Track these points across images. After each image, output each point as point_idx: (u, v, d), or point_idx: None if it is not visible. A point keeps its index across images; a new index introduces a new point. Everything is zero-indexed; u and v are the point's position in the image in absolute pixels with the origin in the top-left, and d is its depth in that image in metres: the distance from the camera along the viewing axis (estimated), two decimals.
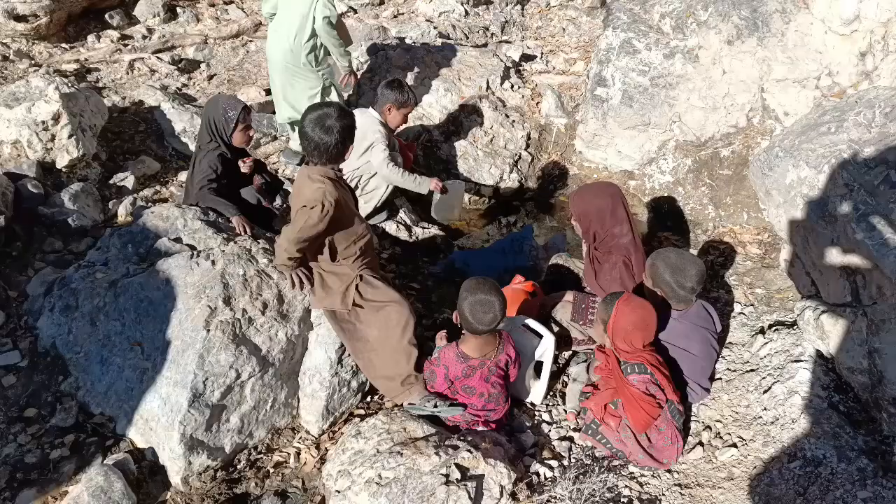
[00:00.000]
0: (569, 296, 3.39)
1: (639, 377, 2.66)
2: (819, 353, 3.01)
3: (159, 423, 2.63)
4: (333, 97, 4.63)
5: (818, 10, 3.88)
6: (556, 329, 3.26)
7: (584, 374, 3.17)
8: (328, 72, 4.57)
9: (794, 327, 3.20)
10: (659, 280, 2.97)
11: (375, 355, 2.92)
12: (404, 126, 4.44)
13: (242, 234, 3.22)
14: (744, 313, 3.49)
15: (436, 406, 2.84)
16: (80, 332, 2.92)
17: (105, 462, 2.56)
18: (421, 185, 4.14)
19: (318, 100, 4.46)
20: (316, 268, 2.94)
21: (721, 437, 2.89)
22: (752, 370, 3.12)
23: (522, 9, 6.97)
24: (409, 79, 5.27)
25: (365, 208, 4.08)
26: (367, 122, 3.93)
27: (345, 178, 3.98)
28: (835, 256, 2.97)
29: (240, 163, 3.63)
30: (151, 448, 2.68)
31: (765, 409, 2.89)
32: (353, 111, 4.04)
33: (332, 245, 2.86)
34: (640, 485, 2.74)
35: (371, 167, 4.04)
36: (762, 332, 3.29)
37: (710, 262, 3.97)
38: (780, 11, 4.07)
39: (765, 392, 2.95)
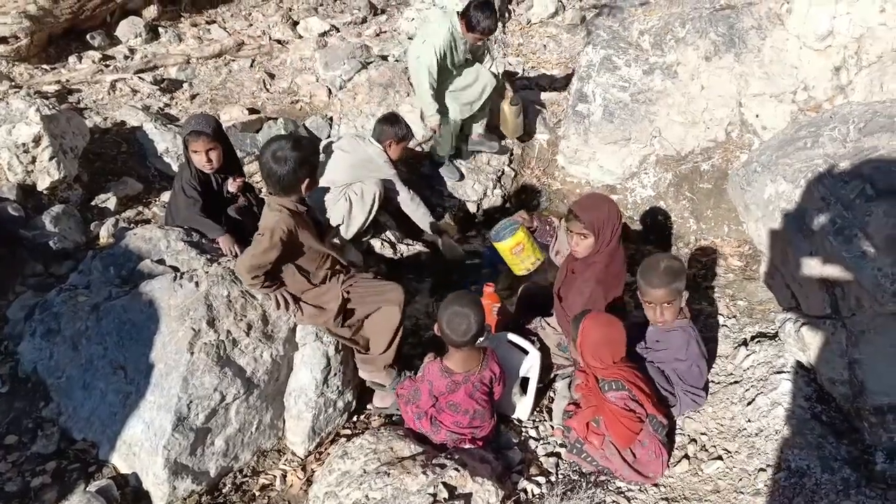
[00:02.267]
0: (545, 327, 3.41)
1: (616, 394, 2.68)
2: (801, 365, 3.04)
3: (143, 448, 2.60)
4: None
5: (793, 26, 3.96)
6: (538, 345, 3.27)
7: (566, 390, 3.17)
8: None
9: (777, 339, 3.23)
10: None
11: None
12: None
13: (229, 255, 3.20)
14: (726, 325, 3.52)
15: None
16: (62, 356, 2.89)
17: (88, 489, 2.53)
18: (431, 231, 4.42)
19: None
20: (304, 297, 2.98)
21: (706, 450, 2.90)
22: (735, 382, 3.14)
23: (504, 26, 7.05)
24: (391, 95, 5.30)
25: (349, 230, 4.09)
26: (375, 154, 4.15)
27: (336, 193, 4.03)
28: (813, 269, 3.01)
29: (229, 182, 3.59)
30: (135, 473, 2.64)
31: (749, 420, 2.91)
32: (356, 139, 4.19)
33: (303, 272, 2.90)
34: (628, 499, 2.74)
35: (358, 189, 4.09)
36: (745, 343, 3.32)
37: (693, 274, 4.01)
38: (756, 28, 4.15)
39: (748, 404, 2.97)
